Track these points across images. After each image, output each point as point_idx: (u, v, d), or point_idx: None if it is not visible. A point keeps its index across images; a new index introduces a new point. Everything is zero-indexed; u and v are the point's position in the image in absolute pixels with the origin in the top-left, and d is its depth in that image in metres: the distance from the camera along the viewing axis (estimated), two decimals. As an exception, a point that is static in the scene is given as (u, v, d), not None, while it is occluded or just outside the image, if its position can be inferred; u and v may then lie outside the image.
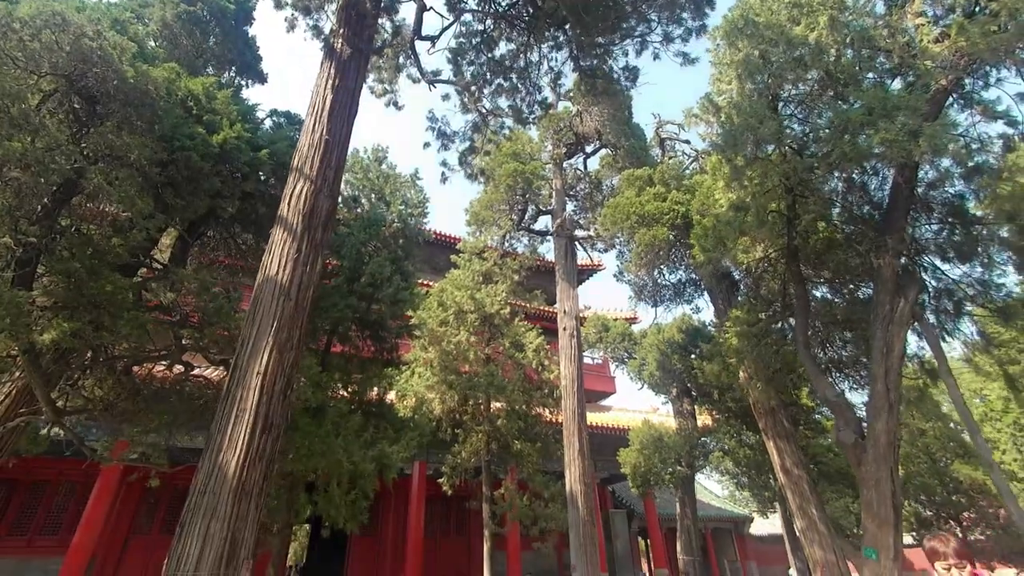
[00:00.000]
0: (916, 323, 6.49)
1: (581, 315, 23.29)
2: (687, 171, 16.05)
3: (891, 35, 6.30)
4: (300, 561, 26.23)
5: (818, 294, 11.30)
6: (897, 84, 7.42)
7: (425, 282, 18.07)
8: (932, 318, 7.37)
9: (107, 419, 6.32)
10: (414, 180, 12.69)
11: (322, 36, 6.12)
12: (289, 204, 4.58)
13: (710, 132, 9.12)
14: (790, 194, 7.56)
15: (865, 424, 6.36)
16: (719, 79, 10.09)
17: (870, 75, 6.95)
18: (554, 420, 14.66)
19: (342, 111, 5.15)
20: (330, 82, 5.16)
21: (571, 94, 14.88)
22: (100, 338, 5.35)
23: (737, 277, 13.54)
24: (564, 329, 12.84)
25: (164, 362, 7.26)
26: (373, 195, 11.66)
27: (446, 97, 8.11)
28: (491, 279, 15.10)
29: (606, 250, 19.37)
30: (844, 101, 7.77)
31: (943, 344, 7.46)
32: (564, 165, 15.94)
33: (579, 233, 14.78)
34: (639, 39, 6.78)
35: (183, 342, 7.05)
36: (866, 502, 5.96)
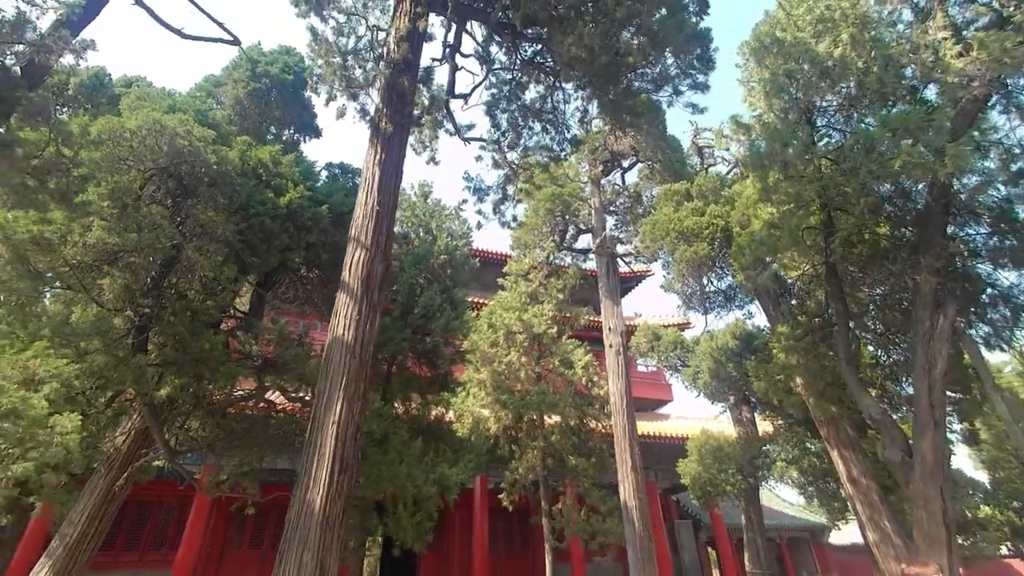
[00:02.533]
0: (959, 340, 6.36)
1: (631, 323, 23.30)
2: (728, 177, 15.91)
3: (914, 51, 6.30)
4: (374, 573, 27.52)
5: (873, 295, 10.98)
6: (931, 91, 7.34)
7: (474, 300, 18.78)
8: (987, 328, 7.14)
9: (209, 455, 7.33)
10: (457, 212, 13.49)
11: (368, 117, 6.91)
12: (349, 271, 5.29)
13: (741, 150, 9.23)
14: (825, 209, 7.59)
15: (912, 441, 6.29)
16: (749, 96, 10.19)
17: (899, 87, 6.93)
18: (608, 433, 14.89)
19: (389, 183, 5.85)
20: (377, 158, 5.87)
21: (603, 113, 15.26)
22: (202, 389, 6.32)
23: (787, 281, 13.29)
24: (610, 346, 13.10)
25: (250, 401, 8.22)
26: (421, 230, 12.52)
27: (479, 158, 8.78)
28: (537, 299, 15.59)
29: (649, 263, 19.38)
30: (882, 108, 7.74)
31: (1004, 354, 7.19)
32: (602, 182, 16.24)
33: (620, 249, 15.04)
34: (651, 92, 7.13)
35: (265, 383, 8.02)
36: (917, 521, 5.88)
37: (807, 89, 8.25)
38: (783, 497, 33.65)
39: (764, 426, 18.83)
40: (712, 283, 17.13)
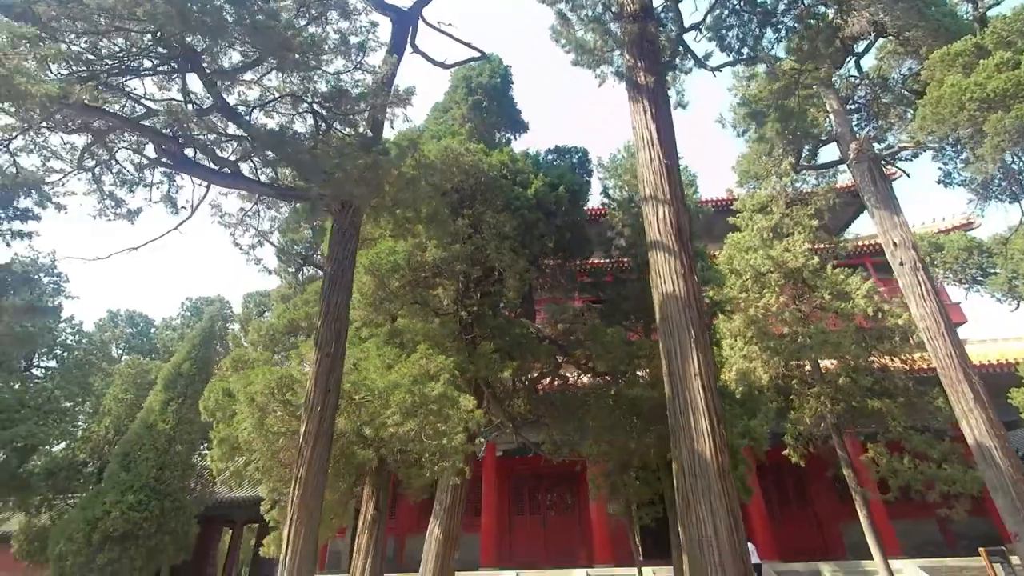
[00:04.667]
0: None
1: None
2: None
3: None
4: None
5: None
6: None
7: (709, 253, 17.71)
8: None
9: (537, 425, 8.31)
10: (676, 162, 12.77)
11: (624, 78, 6.88)
12: (658, 229, 5.30)
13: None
14: None
15: None
16: None
17: None
18: (909, 369, 12.59)
19: (667, 134, 5.71)
20: (648, 114, 5.77)
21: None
22: (524, 369, 7.12)
23: None
24: (901, 264, 10.92)
25: (547, 379, 8.99)
26: (646, 190, 12.24)
27: (751, 77, 7.99)
28: (781, 232, 13.91)
29: (916, 156, 15.69)
30: None
31: None
32: (834, 80, 13.63)
33: (879, 148, 12.40)
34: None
35: (558, 358, 8.70)
36: None
37: None
38: None
39: None
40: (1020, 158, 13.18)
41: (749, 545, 17.05)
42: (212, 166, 4.52)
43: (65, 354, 16.85)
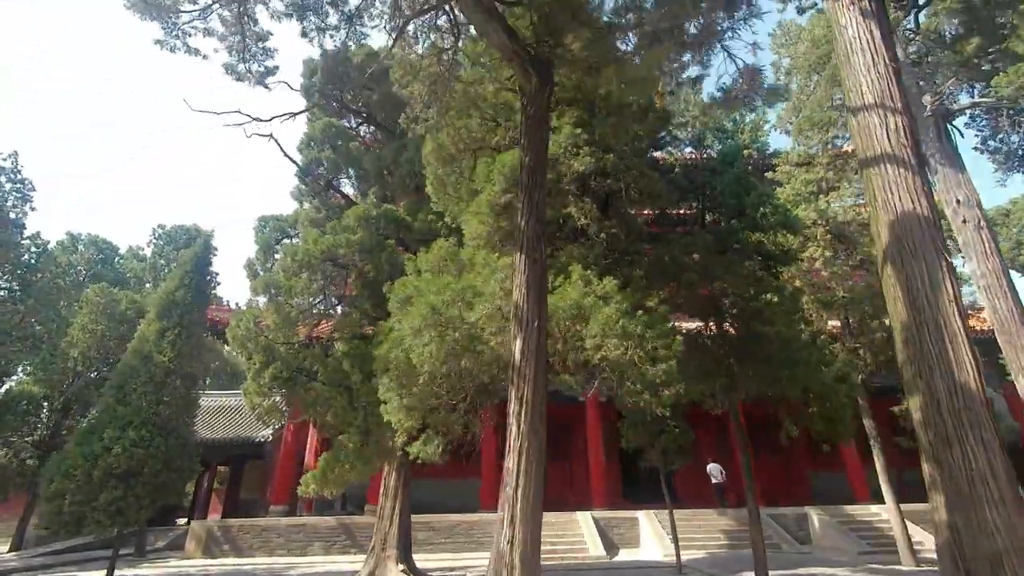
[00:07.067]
0: None
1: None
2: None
3: None
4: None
5: None
6: None
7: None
8: None
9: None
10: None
11: None
12: (888, 141, 4.69)
13: None
14: None
15: None
16: None
17: None
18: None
19: (887, 33, 5.00)
20: (866, 11, 5.02)
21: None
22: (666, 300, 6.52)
23: None
24: (964, 221, 10.97)
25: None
26: (717, 130, 11.55)
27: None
28: (824, 188, 13.75)
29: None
30: None
31: None
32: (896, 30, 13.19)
33: (951, 103, 12.21)
34: None
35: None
36: None
37: None
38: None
39: None
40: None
41: (716, 466, 17.75)
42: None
43: (28, 275, 14.66)
